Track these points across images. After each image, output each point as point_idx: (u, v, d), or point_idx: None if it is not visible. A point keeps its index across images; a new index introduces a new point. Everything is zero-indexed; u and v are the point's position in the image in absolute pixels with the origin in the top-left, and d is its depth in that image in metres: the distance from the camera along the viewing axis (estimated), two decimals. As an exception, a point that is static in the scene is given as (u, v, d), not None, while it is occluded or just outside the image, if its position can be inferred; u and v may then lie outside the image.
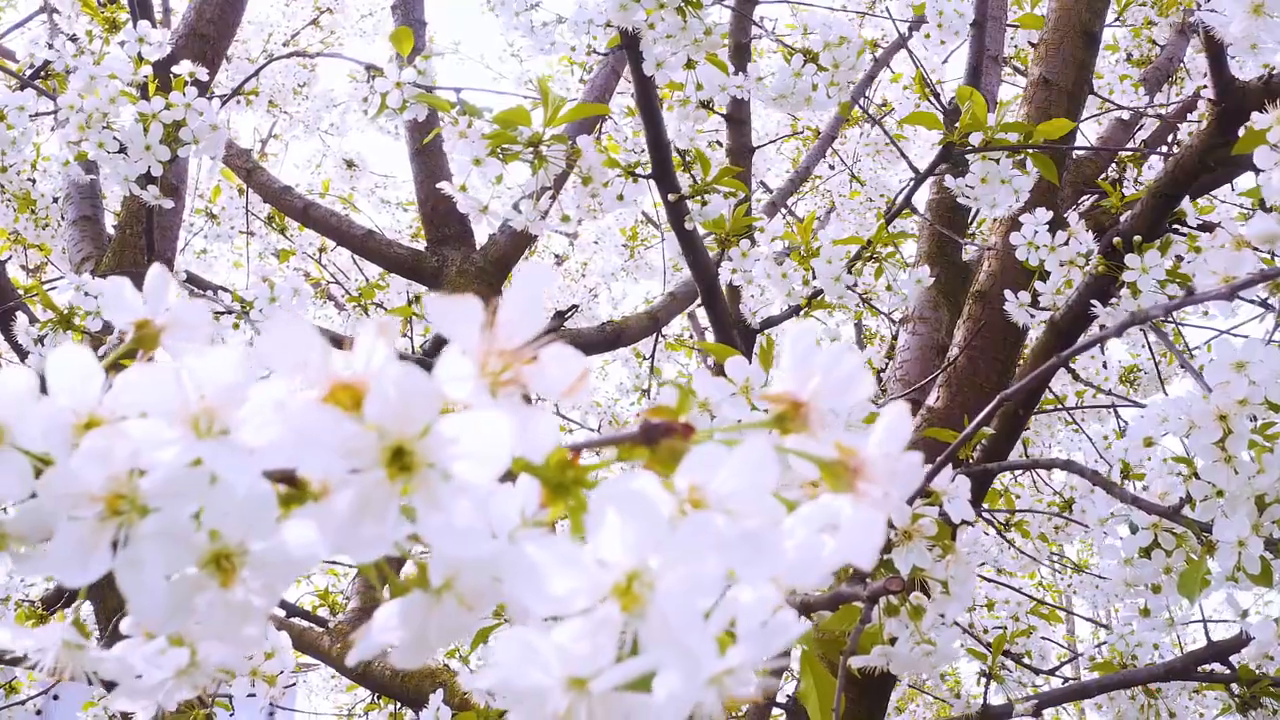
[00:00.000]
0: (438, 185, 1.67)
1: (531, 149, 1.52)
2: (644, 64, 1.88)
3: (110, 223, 2.80)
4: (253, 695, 1.40)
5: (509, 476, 0.38)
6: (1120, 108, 2.64)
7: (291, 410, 0.34)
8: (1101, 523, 1.49)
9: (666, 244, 5.10)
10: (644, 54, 1.87)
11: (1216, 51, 1.47)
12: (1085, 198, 2.62)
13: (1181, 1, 2.55)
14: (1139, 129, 2.91)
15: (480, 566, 0.42)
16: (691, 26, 1.75)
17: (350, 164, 4.86)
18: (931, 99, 2.64)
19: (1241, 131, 1.31)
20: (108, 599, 2.34)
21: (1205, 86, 2.33)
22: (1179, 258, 1.45)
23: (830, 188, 4.50)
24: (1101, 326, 2.28)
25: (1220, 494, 1.29)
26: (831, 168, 4.62)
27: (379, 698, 3.50)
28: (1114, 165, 2.77)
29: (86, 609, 3.17)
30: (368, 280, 3.83)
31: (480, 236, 3.32)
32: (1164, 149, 2.72)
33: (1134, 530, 1.46)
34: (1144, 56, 3.33)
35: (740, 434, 0.41)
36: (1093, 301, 1.62)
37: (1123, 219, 1.72)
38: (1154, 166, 2.46)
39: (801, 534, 0.38)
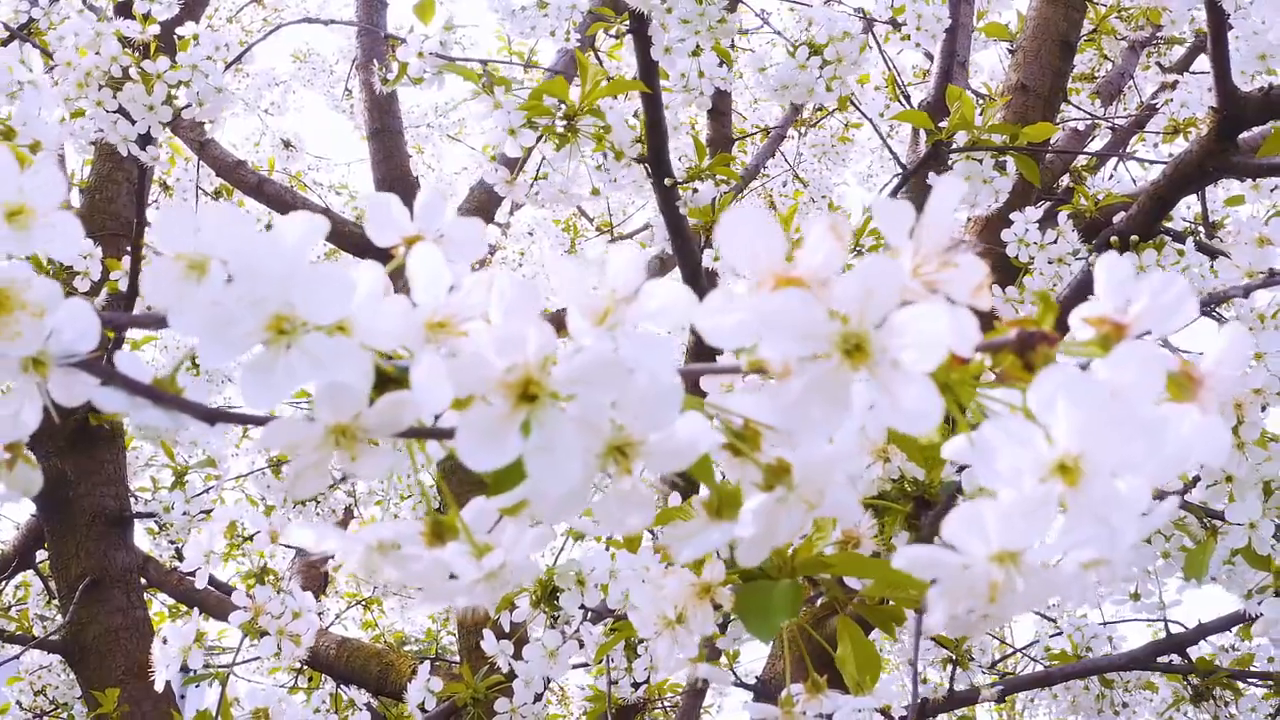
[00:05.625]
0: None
1: (565, 121, 1.53)
2: (651, 48, 1.90)
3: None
4: (278, 655, 1.40)
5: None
6: (1096, 118, 2.73)
7: (762, 295, 0.37)
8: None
9: (600, 239, 5.13)
10: (652, 38, 1.89)
11: (1222, 63, 1.54)
12: (1041, 202, 2.70)
13: (1146, 15, 2.66)
14: (1092, 139, 3.00)
15: (828, 469, 0.44)
16: (708, 13, 1.78)
17: (288, 144, 4.81)
18: (902, 100, 2.71)
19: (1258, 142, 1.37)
20: (71, 566, 2.30)
21: (1170, 100, 2.42)
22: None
23: (771, 187, 4.56)
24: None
25: (1230, 479, 1.35)
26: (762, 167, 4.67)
27: (309, 679, 3.47)
28: (1067, 173, 2.86)
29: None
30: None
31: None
32: (1116, 158, 2.82)
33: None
34: (1091, 70, 3.44)
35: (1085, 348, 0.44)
36: (1089, 296, 1.68)
37: (1116, 219, 1.79)
38: (1116, 174, 2.55)
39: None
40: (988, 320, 0.56)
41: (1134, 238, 1.65)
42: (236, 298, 0.44)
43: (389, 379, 0.47)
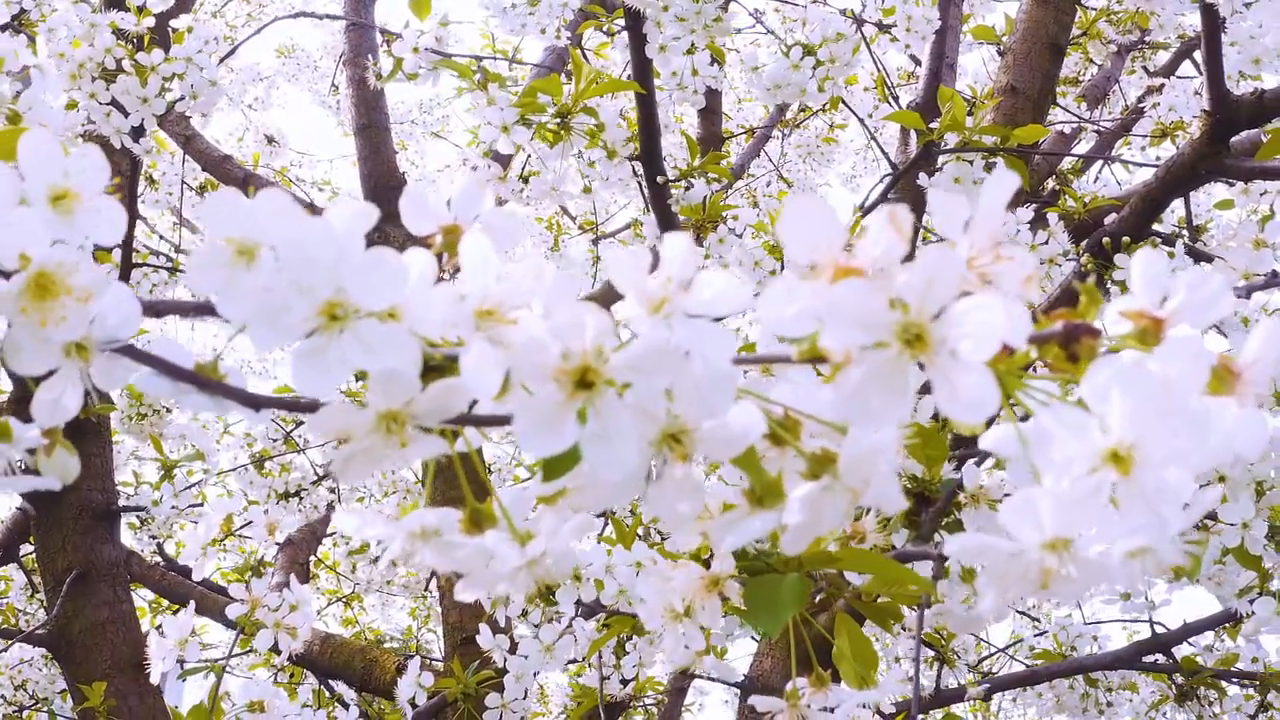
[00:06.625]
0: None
1: (559, 119, 1.54)
2: (647, 45, 1.91)
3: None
4: (278, 650, 1.40)
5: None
6: (1083, 121, 2.75)
7: (822, 284, 0.37)
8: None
9: (583, 239, 5.13)
10: (648, 36, 1.90)
11: (1215, 66, 1.55)
12: (1027, 205, 2.72)
13: (1134, 20, 2.68)
14: (1078, 142, 3.03)
15: (872, 458, 0.45)
16: (704, 11, 1.79)
17: (271, 140, 4.80)
18: (891, 101, 2.72)
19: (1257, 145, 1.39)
20: (57, 560, 2.29)
21: (1157, 104, 2.44)
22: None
23: (755, 187, 4.58)
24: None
25: (1223, 479, 1.37)
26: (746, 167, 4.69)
27: (291, 675, 3.47)
28: (1053, 176, 2.88)
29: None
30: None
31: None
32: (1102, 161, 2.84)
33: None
34: (1076, 74, 3.46)
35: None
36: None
37: (1108, 220, 1.80)
38: (1101, 177, 2.57)
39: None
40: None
41: (1125, 239, 1.67)
42: (288, 284, 0.44)
43: (430, 366, 0.47)
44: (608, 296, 3.31)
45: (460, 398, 0.45)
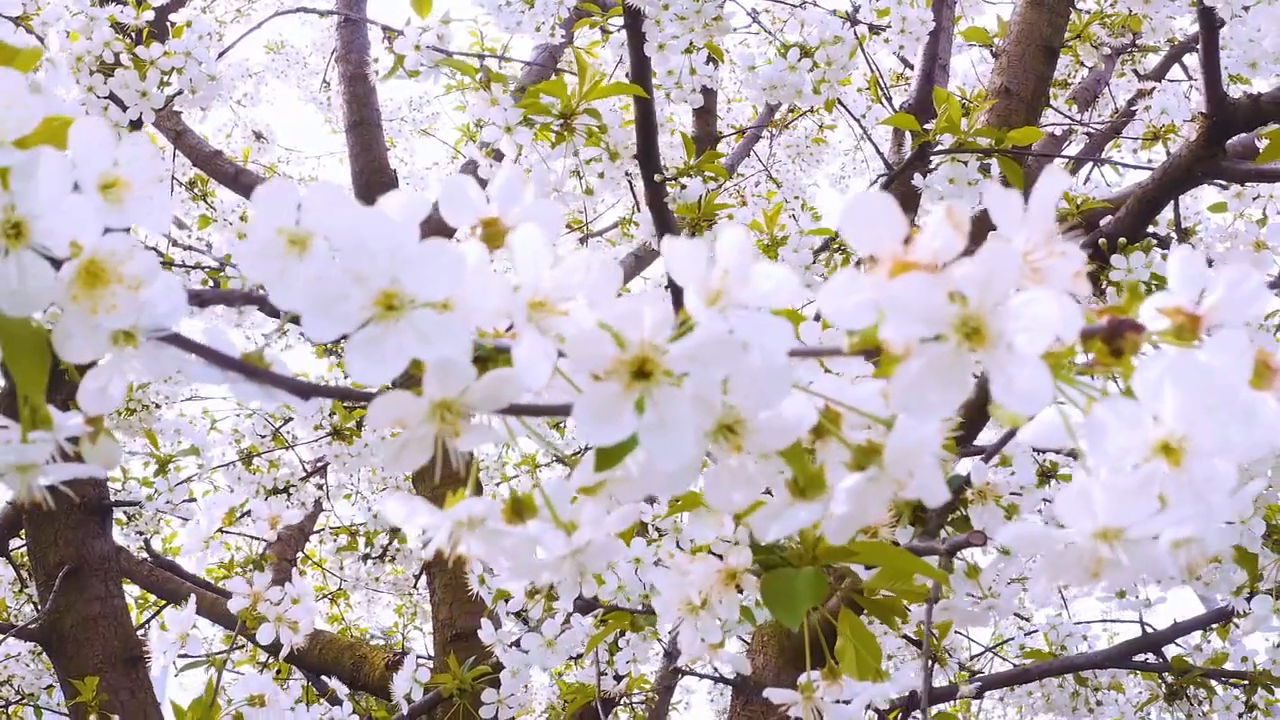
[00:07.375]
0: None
1: (561, 120, 1.55)
2: (645, 44, 1.91)
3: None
4: (274, 648, 1.40)
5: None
6: (1074, 123, 2.77)
7: (883, 277, 0.38)
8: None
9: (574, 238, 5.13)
10: (646, 34, 1.90)
11: (1212, 69, 1.57)
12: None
13: (1126, 23, 2.70)
14: (1068, 144, 3.05)
15: (919, 450, 0.46)
16: (705, 10, 1.80)
17: (259, 136, 4.80)
18: (884, 102, 2.73)
19: (1253, 146, 1.40)
20: (49, 554, 2.29)
21: (1149, 107, 2.46)
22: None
23: (744, 186, 4.59)
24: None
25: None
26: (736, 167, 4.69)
27: (278, 671, 3.46)
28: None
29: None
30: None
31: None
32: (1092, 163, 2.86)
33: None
34: (1065, 77, 3.48)
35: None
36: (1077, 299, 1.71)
37: (1103, 222, 1.82)
38: (1091, 179, 2.59)
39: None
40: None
41: (1121, 240, 1.69)
42: (342, 273, 0.45)
43: (476, 357, 0.48)
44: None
45: (513, 388, 0.45)
